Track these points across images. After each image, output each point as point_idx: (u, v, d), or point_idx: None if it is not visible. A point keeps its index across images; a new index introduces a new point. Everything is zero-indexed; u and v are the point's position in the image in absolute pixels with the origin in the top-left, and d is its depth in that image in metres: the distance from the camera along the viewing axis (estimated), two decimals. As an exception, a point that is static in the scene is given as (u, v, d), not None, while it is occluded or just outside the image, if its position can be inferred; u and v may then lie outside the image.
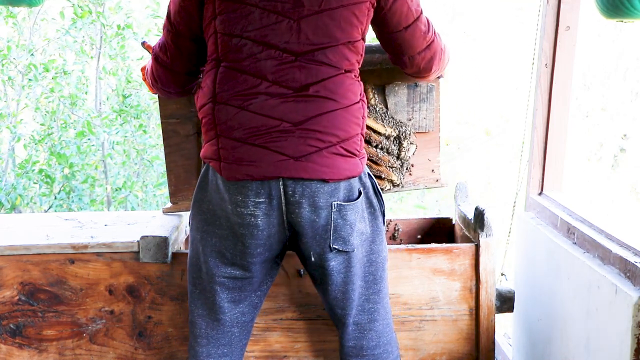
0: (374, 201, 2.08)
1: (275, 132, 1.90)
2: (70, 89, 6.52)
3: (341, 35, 1.94)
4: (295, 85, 1.91)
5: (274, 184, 1.93)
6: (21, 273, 2.34)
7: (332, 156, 1.93)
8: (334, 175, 1.94)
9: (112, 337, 2.40)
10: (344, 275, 2.05)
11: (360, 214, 2.03)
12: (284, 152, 1.90)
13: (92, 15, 6.45)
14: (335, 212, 1.96)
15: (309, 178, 1.92)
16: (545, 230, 2.53)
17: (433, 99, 2.51)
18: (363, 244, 2.06)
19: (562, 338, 2.34)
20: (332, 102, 1.92)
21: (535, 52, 2.68)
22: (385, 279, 2.13)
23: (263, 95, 1.91)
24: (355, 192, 2.00)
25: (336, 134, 1.93)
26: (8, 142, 6.65)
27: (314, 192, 1.94)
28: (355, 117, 1.97)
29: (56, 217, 2.68)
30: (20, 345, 2.38)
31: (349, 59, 1.97)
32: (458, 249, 2.37)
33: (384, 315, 2.13)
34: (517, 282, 2.79)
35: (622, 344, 1.91)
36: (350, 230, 2.00)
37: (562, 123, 2.63)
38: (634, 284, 1.94)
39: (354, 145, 1.97)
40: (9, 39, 6.57)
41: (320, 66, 1.92)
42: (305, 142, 1.90)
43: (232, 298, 2.08)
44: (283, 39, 1.92)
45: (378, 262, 2.10)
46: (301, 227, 1.98)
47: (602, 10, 1.92)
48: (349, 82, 1.96)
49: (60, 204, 6.18)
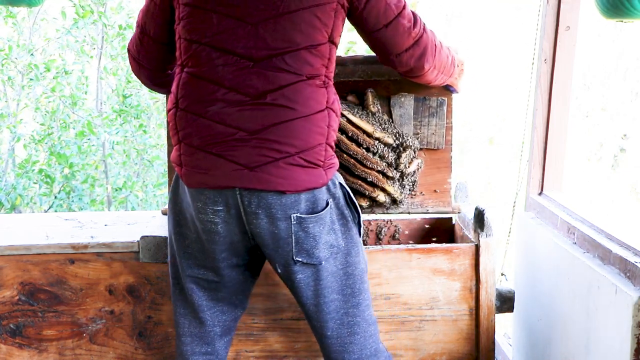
0: (346, 212, 1.99)
1: (231, 140, 1.85)
2: (70, 89, 6.53)
3: (302, 39, 1.85)
4: (252, 93, 1.85)
5: (230, 194, 1.88)
6: (21, 273, 2.34)
7: (290, 167, 1.86)
8: (291, 186, 1.86)
9: (112, 337, 2.40)
10: (313, 289, 1.98)
11: (329, 225, 1.95)
12: (239, 162, 1.85)
13: (93, 15, 6.45)
14: (296, 224, 1.90)
15: (263, 189, 1.86)
16: (545, 230, 2.53)
17: (443, 114, 2.41)
18: (336, 257, 1.98)
19: (562, 338, 2.34)
20: (291, 110, 1.85)
21: (535, 52, 2.68)
22: (364, 290, 2.06)
23: (220, 103, 1.86)
24: (321, 203, 1.92)
25: (294, 144, 1.85)
26: (8, 142, 6.65)
27: (270, 204, 1.87)
28: (318, 126, 1.88)
29: (56, 217, 2.68)
30: (20, 345, 2.38)
31: (312, 64, 1.88)
32: (458, 249, 2.37)
33: (365, 327, 2.06)
34: (517, 282, 2.79)
35: (622, 344, 1.91)
36: (314, 243, 1.93)
37: (562, 123, 2.63)
38: (634, 284, 1.94)
39: (316, 156, 1.89)
40: (8, 38, 6.57)
41: (279, 72, 1.85)
42: (260, 152, 1.84)
43: (209, 297, 2.07)
44: (240, 44, 1.86)
45: (355, 275, 2.02)
46: (261, 238, 1.93)
47: (602, 10, 1.92)
48: (310, 89, 1.88)
49: (60, 204, 6.18)
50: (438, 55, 2.08)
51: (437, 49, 2.07)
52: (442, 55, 2.10)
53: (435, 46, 2.06)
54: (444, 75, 2.17)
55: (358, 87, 2.40)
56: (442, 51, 2.10)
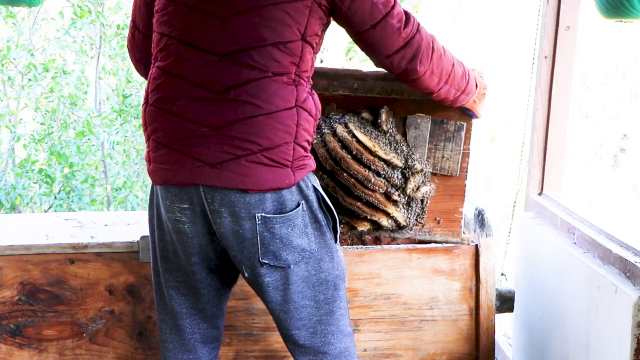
0: (319, 216, 1.92)
1: (194, 136, 1.82)
2: (70, 89, 6.53)
3: (269, 35, 1.80)
4: (216, 88, 1.81)
5: (194, 191, 1.85)
6: (21, 273, 2.34)
7: (252, 165, 1.80)
8: (254, 185, 1.81)
9: (112, 337, 2.40)
10: (282, 293, 1.93)
11: (301, 228, 1.89)
12: (201, 159, 1.82)
13: (91, 15, 6.45)
14: (261, 224, 1.85)
15: (223, 187, 1.81)
16: (545, 230, 2.52)
17: (461, 140, 2.30)
18: (308, 262, 1.92)
19: (562, 338, 2.34)
20: (253, 107, 1.80)
21: (535, 52, 2.68)
22: (339, 298, 1.99)
23: (185, 98, 1.83)
24: (289, 204, 1.86)
25: (256, 142, 1.80)
26: (8, 142, 6.65)
27: (233, 202, 1.83)
28: (284, 124, 1.82)
29: (56, 217, 2.68)
30: (20, 345, 2.38)
31: (279, 60, 1.82)
32: (458, 249, 2.37)
33: (340, 337, 2.00)
34: (517, 282, 2.79)
35: (622, 344, 1.91)
36: (281, 245, 1.87)
37: (562, 123, 2.63)
38: (634, 284, 1.94)
39: (282, 155, 1.82)
40: (8, 38, 6.57)
41: (244, 68, 1.80)
42: (222, 149, 1.80)
43: (188, 304, 2.04)
44: (207, 39, 1.83)
45: (329, 281, 1.96)
46: (226, 239, 1.89)
47: (602, 10, 1.92)
48: (276, 86, 1.82)
49: (60, 204, 6.18)
50: (437, 59, 1.97)
51: (436, 52, 1.97)
52: (444, 61, 1.99)
53: (433, 49, 1.96)
54: (451, 87, 2.05)
55: (375, 104, 2.29)
56: (445, 57, 2.00)
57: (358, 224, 2.28)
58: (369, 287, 2.37)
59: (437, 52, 1.98)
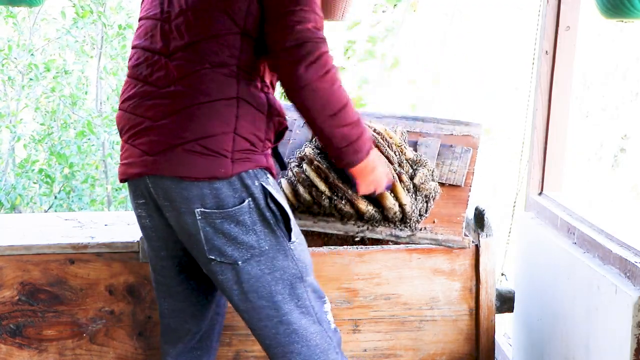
0: (267, 214, 1.92)
1: (140, 130, 1.91)
2: (70, 89, 6.53)
3: (206, 30, 1.88)
4: (160, 84, 1.90)
5: (143, 184, 1.93)
6: (21, 273, 2.34)
7: (187, 153, 1.84)
8: (187, 172, 1.85)
9: (112, 337, 2.40)
10: (238, 292, 1.95)
11: (248, 226, 1.90)
12: (144, 150, 1.89)
13: (93, 15, 6.45)
14: (201, 219, 1.88)
15: (161, 175, 1.87)
16: (545, 230, 2.52)
17: (467, 159, 2.47)
18: (259, 260, 1.93)
19: (562, 338, 2.34)
20: (190, 98, 1.86)
21: (535, 52, 2.68)
22: (299, 297, 1.98)
23: (138, 97, 1.94)
24: (229, 199, 1.87)
25: (192, 131, 1.84)
26: (8, 142, 6.64)
27: (174, 197, 1.88)
28: (221, 114, 1.86)
29: (56, 217, 2.68)
30: (20, 345, 2.38)
31: (216, 53, 1.87)
32: (458, 249, 2.37)
33: (305, 335, 1.99)
34: (517, 282, 2.79)
35: (622, 343, 1.92)
36: (225, 241, 1.89)
37: (562, 123, 2.63)
38: (634, 284, 1.94)
39: (220, 145, 1.85)
40: (9, 38, 6.57)
41: (184, 62, 1.88)
42: (160, 139, 1.87)
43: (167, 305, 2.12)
44: (155, 41, 1.94)
45: (285, 280, 1.95)
46: (178, 233, 1.95)
47: (602, 10, 1.92)
48: (214, 77, 1.87)
49: (60, 204, 6.18)
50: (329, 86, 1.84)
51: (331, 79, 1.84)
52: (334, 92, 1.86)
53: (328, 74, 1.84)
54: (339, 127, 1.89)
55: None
56: (336, 88, 1.87)
57: (359, 202, 2.29)
58: (369, 287, 2.37)
59: (331, 80, 1.85)
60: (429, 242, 2.35)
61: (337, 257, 2.34)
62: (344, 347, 2.39)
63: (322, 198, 2.31)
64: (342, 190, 2.29)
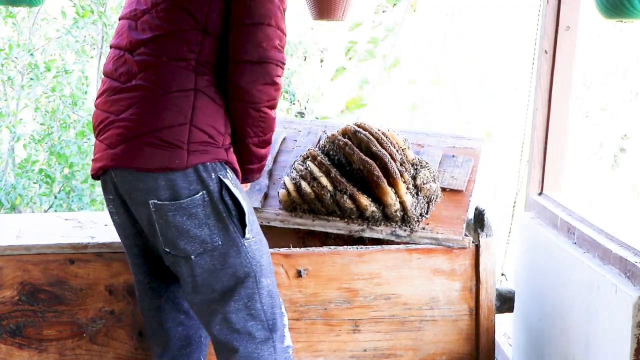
0: (221, 207, 1.91)
1: (105, 125, 1.95)
2: (70, 89, 6.52)
3: (167, 26, 1.91)
4: (123, 79, 1.95)
5: (109, 178, 1.96)
6: (21, 273, 2.34)
7: (142, 145, 1.87)
8: (142, 164, 1.86)
9: (112, 337, 2.40)
10: (192, 285, 1.95)
11: (202, 219, 1.89)
12: (107, 144, 1.93)
13: (93, 15, 6.45)
14: (155, 211, 1.89)
15: (122, 167, 1.90)
16: (545, 230, 2.53)
17: (469, 168, 2.52)
18: (212, 254, 1.92)
19: (562, 338, 2.34)
20: (147, 90, 1.89)
21: (535, 52, 2.68)
22: (249, 297, 1.96)
23: (105, 93, 1.98)
24: (183, 191, 1.87)
25: (148, 122, 1.87)
26: (8, 142, 6.64)
27: (130, 185, 1.90)
28: (177, 105, 1.87)
29: (56, 217, 2.68)
30: (20, 345, 2.38)
31: (175, 48, 1.90)
32: (458, 249, 2.37)
33: (246, 340, 1.96)
34: (517, 282, 2.79)
35: (622, 343, 1.92)
36: (178, 234, 1.89)
37: (562, 123, 2.63)
38: (634, 284, 1.94)
39: (175, 136, 1.86)
40: (8, 38, 6.57)
41: (145, 57, 1.92)
42: (119, 132, 1.90)
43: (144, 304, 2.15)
44: (124, 39, 1.99)
45: (238, 277, 1.94)
46: (141, 226, 1.99)
47: (602, 10, 1.92)
48: (169, 69, 1.89)
49: (60, 203, 6.17)
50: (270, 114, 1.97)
51: (274, 106, 1.97)
52: (272, 120, 1.99)
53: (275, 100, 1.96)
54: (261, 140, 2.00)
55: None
56: (274, 116, 2.00)
57: (360, 198, 2.30)
58: (369, 287, 2.37)
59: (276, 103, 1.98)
60: (429, 241, 2.35)
61: (337, 257, 2.34)
62: (344, 347, 2.39)
63: (324, 192, 2.32)
64: (344, 184, 2.31)
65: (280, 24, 1.91)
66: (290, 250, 2.33)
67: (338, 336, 2.38)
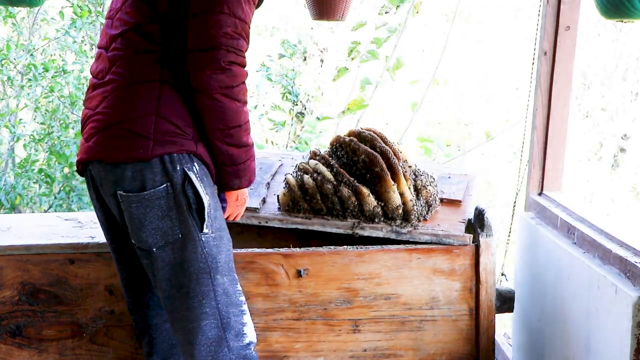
0: (182, 200, 1.88)
1: (85, 121, 1.99)
2: (69, 89, 6.52)
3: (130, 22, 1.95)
4: (100, 76, 1.99)
5: (88, 172, 1.99)
6: (21, 273, 2.34)
7: (110, 137, 1.89)
8: (111, 155, 1.88)
9: (112, 337, 2.40)
10: (153, 278, 1.96)
11: (164, 211, 1.88)
12: (85, 138, 1.97)
13: (91, 15, 6.45)
14: (122, 202, 1.90)
15: (92, 159, 1.92)
16: (545, 230, 2.53)
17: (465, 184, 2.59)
18: (173, 247, 1.90)
19: (562, 338, 2.34)
20: (116, 83, 1.92)
21: (535, 52, 2.68)
22: (203, 295, 1.92)
23: (88, 91, 2.03)
24: (148, 182, 1.86)
25: (115, 114, 1.90)
26: (8, 142, 6.64)
27: (100, 176, 1.92)
28: (142, 96, 1.88)
29: (56, 217, 2.68)
30: (20, 345, 2.38)
31: (139, 41, 1.92)
32: (458, 249, 2.37)
33: (201, 340, 1.92)
34: (517, 282, 2.79)
35: (622, 344, 1.92)
36: (140, 226, 1.88)
37: (562, 123, 2.63)
38: (634, 284, 1.94)
39: (142, 126, 1.86)
40: (8, 39, 6.57)
41: (115, 52, 1.96)
42: (93, 126, 1.94)
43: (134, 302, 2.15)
44: (104, 38, 2.03)
45: (191, 273, 1.91)
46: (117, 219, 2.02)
47: (602, 10, 1.92)
48: (135, 60, 1.91)
49: (60, 203, 6.17)
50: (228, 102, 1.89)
51: (233, 95, 1.89)
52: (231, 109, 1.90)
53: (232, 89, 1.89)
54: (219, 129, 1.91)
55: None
56: (235, 106, 1.91)
57: (362, 189, 2.33)
58: (369, 287, 2.37)
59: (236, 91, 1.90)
60: (430, 237, 2.35)
61: (337, 257, 2.34)
62: (344, 347, 2.39)
63: (326, 183, 2.33)
64: (346, 176, 2.35)
65: (235, 11, 1.87)
66: (290, 250, 2.33)
67: (338, 336, 2.39)
